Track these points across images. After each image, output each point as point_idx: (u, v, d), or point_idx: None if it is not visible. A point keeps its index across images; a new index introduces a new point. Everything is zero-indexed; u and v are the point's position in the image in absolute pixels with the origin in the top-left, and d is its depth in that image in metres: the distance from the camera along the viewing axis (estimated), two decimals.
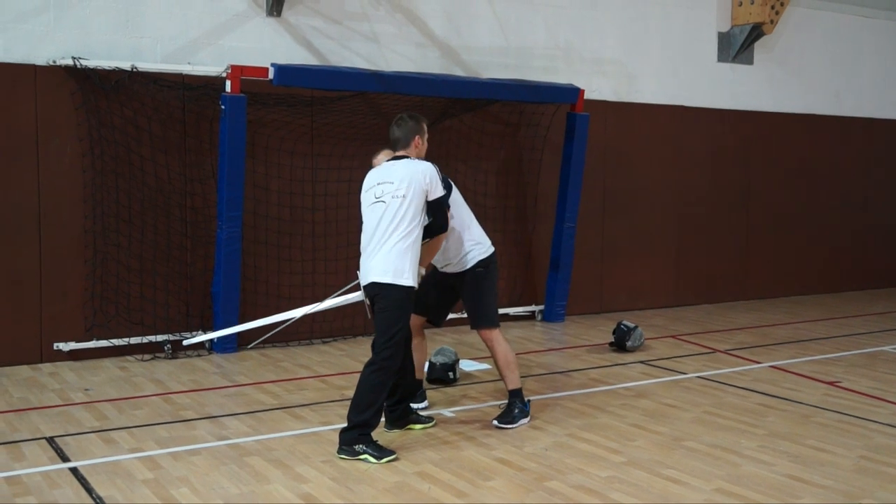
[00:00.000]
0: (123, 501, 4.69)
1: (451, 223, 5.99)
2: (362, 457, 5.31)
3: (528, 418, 6.20)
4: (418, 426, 5.99)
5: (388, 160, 5.74)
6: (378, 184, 5.60)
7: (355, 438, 5.35)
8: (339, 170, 8.96)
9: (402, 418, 5.96)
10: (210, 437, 5.79)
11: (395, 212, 5.47)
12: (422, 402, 6.43)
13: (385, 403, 5.78)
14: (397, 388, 5.82)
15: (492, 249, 6.24)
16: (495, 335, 6.13)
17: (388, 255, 5.44)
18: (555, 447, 5.67)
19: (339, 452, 5.39)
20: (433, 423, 6.07)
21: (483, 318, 6.15)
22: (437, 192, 5.60)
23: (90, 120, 7.82)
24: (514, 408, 6.15)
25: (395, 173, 5.57)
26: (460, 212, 6.16)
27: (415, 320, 6.25)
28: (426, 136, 5.82)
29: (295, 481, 5.01)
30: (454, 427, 6.07)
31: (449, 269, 6.22)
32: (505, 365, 6.15)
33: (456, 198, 6.15)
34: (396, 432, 5.90)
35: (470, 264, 6.14)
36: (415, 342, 6.24)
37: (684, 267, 11.60)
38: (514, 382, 6.17)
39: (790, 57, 12.39)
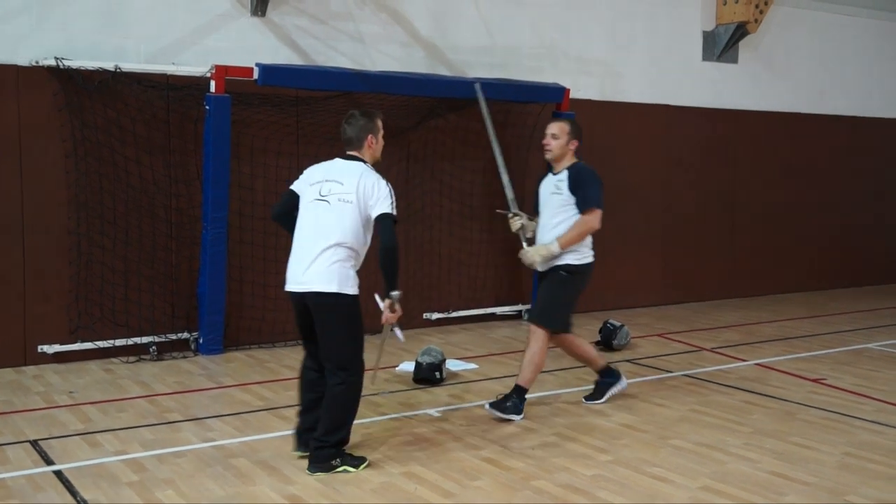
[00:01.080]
0: None
1: (571, 218, 6.19)
2: (340, 469, 5.12)
3: (519, 416, 6.22)
4: None
5: (340, 157, 5.33)
6: (326, 180, 5.18)
7: (332, 455, 5.13)
8: None
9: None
10: (195, 438, 5.77)
11: (340, 217, 5.07)
12: (619, 379, 6.69)
13: (301, 422, 5.34)
14: (319, 403, 5.26)
15: (588, 260, 6.34)
16: (541, 334, 6.24)
17: (331, 263, 5.04)
18: (541, 446, 5.68)
19: (311, 470, 5.10)
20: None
21: (542, 314, 6.30)
22: (383, 208, 5.08)
23: (73, 121, 7.77)
24: (509, 400, 6.22)
25: (345, 174, 5.16)
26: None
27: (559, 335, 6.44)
28: (381, 133, 5.35)
29: (281, 483, 5.00)
30: (441, 427, 6.07)
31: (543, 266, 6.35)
32: (529, 362, 6.27)
33: None
34: (378, 434, 5.88)
35: (557, 263, 6.26)
36: (573, 346, 6.55)
37: (670, 265, 11.63)
38: (524, 380, 6.28)
39: (775, 56, 12.44)
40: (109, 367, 7.75)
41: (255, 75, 7.98)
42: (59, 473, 5.10)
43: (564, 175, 6.33)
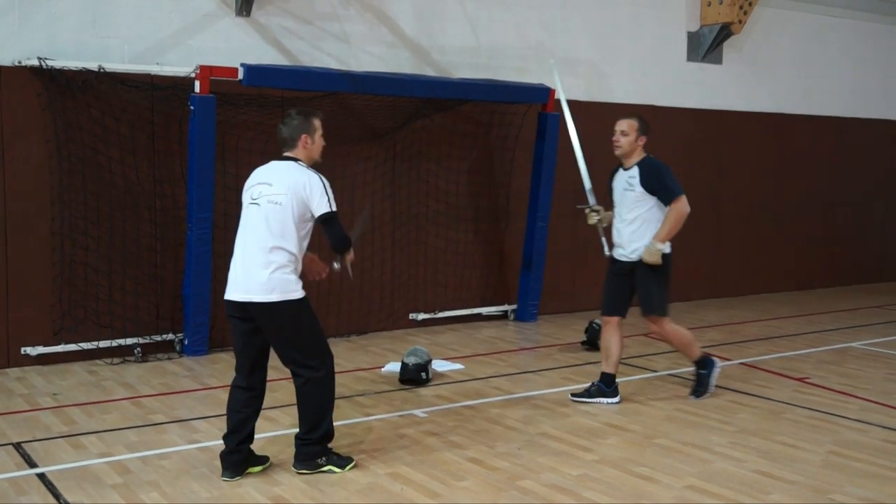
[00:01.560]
0: None
1: (645, 213, 6.53)
2: (325, 468, 5.12)
3: (718, 368, 6.85)
4: (257, 468, 5.18)
5: (276, 160, 5.21)
6: (258, 183, 5.07)
7: (317, 452, 5.12)
8: None
9: (245, 462, 5.14)
10: (180, 440, 5.75)
11: (272, 219, 4.93)
12: (614, 397, 6.73)
13: (227, 444, 5.10)
14: (247, 423, 5.11)
15: (669, 248, 6.59)
16: (663, 323, 6.60)
17: (271, 271, 4.91)
18: (527, 446, 5.68)
19: (296, 468, 5.12)
20: (269, 462, 5.29)
21: (654, 307, 6.58)
22: (322, 207, 4.96)
23: (57, 121, 7.73)
24: (700, 382, 6.79)
25: (276, 175, 5.04)
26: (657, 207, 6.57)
27: (612, 321, 6.72)
28: (318, 132, 5.17)
29: (266, 484, 4.98)
30: (427, 427, 6.06)
31: (622, 257, 6.66)
32: (683, 346, 6.77)
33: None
34: (364, 435, 5.86)
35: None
36: (615, 338, 6.70)
37: None
38: (695, 354, 6.79)
39: (759, 56, 12.48)
40: (93, 368, 7.70)
41: (240, 76, 7.94)
42: (42, 476, 5.07)
43: (635, 171, 6.64)
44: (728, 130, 12.19)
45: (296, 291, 5.00)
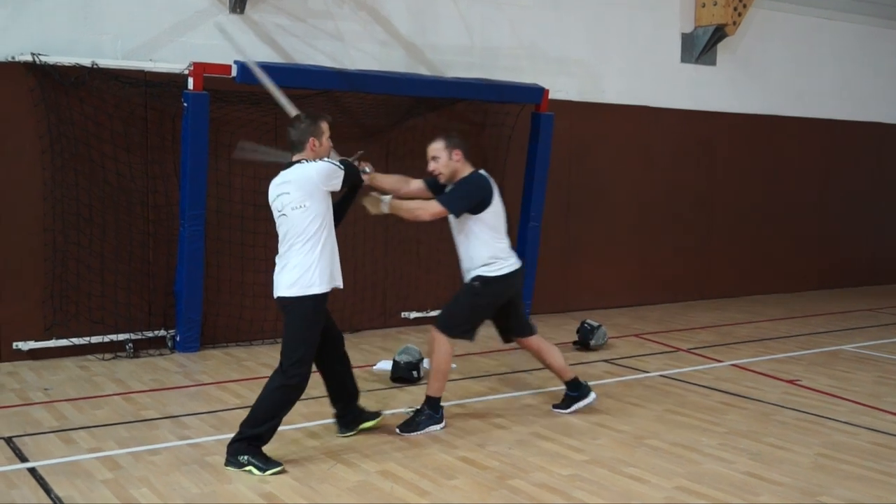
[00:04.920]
0: (82, 501, 4.64)
1: (472, 232, 5.94)
2: (247, 468, 5.12)
3: (438, 425, 5.98)
4: (369, 423, 5.87)
5: (284, 168, 5.40)
6: (278, 196, 5.31)
7: (243, 449, 5.16)
8: None
9: (355, 421, 5.83)
10: (171, 436, 5.75)
11: (298, 224, 5.23)
12: (587, 396, 6.46)
13: (333, 410, 5.74)
14: (340, 393, 5.77)
15: (503, 272, 6.00)
16: (440, 339, 5.96)
17: (294, 269, 5.24)
18: (518, 446, 5.69)
19: (226, 464, 5.18)
20: (381, 416, 5.97)
21: (442, 318, 6.05)
22: (339, 181, 5.32)
23: (50, 117, 7.71)
24: (422, 414, 5.99)
25: (290, 182, 5.28)
26: (491, 221, 6.00)
27: (520, 343, 6.42)
28: (325, 134, 5.40)
29: (257, 481, 4.99)
30: None
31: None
32: (434, 370, 6.01)
33: (495, 207, 6.00)
34: (354, 432, 5.87)
35: (472, 274, 6.04)
36: (534, 349, 6.41)
37: (648, 266, 11.68)
38: (431, 389, 6.01)
39: (752, 58, 12.52)
40: (85, 364, 7.70)
41: (234, 73, 7.95)
42: (33, 471, 5.07)
43: None
44: (720, 132, 12.22)
45: (314, 289, 5.26)
